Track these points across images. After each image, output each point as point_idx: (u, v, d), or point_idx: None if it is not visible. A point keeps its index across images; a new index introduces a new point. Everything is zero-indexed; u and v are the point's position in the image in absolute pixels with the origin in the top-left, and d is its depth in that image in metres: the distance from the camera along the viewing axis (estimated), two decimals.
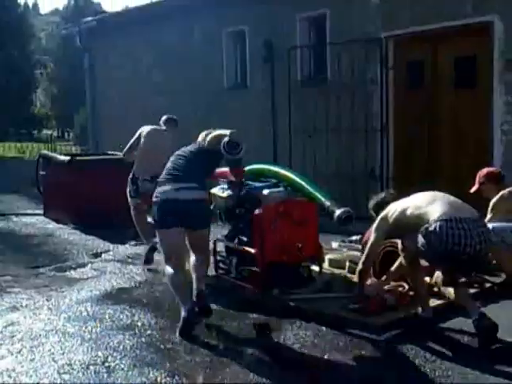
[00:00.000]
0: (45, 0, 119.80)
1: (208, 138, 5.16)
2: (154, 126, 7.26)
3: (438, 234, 4.26)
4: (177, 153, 5.27)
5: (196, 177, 4.95)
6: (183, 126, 11.78)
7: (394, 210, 4.83)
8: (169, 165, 5.13)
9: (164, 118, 7.45)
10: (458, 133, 8.38)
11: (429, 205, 4.55)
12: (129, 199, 6.99)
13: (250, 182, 5.94)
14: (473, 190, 6.09)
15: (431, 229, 4.31)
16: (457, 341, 4.50)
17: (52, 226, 9.56)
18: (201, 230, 5.02)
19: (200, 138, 5.35)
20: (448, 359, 4.16)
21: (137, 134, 7.16)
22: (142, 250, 7.60)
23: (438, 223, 4.30)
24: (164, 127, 7.36)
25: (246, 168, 5.77)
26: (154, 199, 4.98)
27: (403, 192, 8.82)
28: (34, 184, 10.32)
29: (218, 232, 6.25)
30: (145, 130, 7.17)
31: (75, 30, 15.15)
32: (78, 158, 10.34)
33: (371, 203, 5.46)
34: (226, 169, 5.49)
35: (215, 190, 6.09)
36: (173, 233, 4.88)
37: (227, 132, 4.98)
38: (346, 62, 9.22)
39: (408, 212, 4.65)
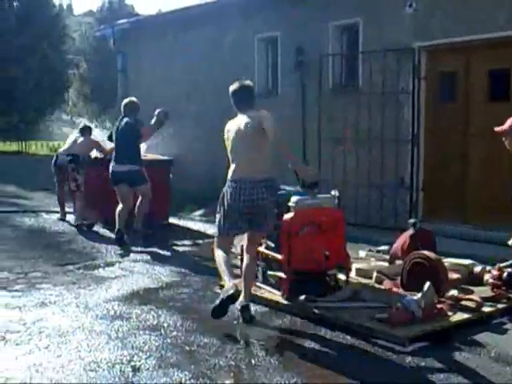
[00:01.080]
0: (79, 1, 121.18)
1: None
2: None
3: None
4: None
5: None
6: (212, 129, 11.90)
7: None
8: None
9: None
10: (490, 146, 8.30)
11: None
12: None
13: (282, 187, 5.95)
14: (497, 129, 6.00)
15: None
16: (483, 355, 4.46)
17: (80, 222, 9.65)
18: (139, 187, 8.12)
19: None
20: (474, 374, 4.13)
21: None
22: (170, 252, 7.70)
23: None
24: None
25: None
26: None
27: (432, 202, 8.88)
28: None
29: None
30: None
31: (109, 31, 15.29)
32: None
33: None
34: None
35: None
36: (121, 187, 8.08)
37: None
38: (377, 72, 9.20)
39: None
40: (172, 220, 9.91)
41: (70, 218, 9.84)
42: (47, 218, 10.16)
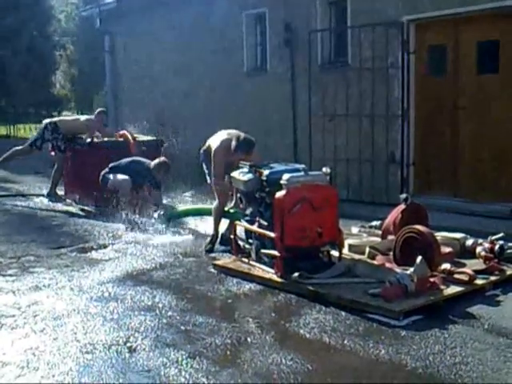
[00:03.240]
0: None
1: None
2: None
3: None
4: None
5: None
6: (202, 107, 11.87)
7: None
8: None
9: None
10: (480, 118, 8.31)
11: None
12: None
13: (271, 165, 5.95)
14: None
15: None
16: (477, 327, 4.50)
17: (73, 207, 9.64)
18: None
19: None
20: (468, 346, 4.17)
21: None
22: (163, 233, 7.70)
23: None
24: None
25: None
26: None
27: (423, 177, 8.90)
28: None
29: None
30: None
31: (95, 11, 15.12)
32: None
33: None
34: None
35: (235, 174, 6.12)
36: None
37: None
38: (366, 46, 9.15)
39: None
40: (164, 201, 9.88)
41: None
42: (38, 202, 10.11)
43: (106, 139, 9.95)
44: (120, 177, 8.30)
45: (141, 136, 10.07)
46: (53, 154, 10.04)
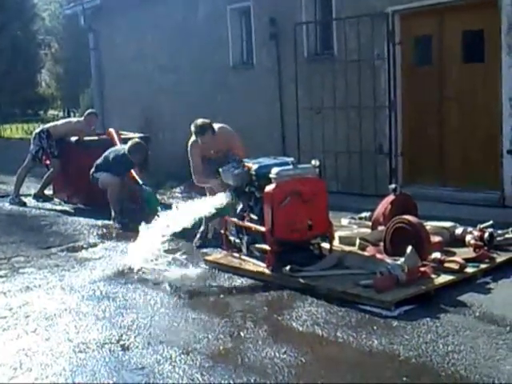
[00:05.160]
0: None
1: None
2: None
3: None
4: None
5: None
6: (189, 103, 11.83)
7: None
8: None
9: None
10: (467, 107, 8.34)
11: None
12: None
13: (260, 160, 5.95)
14: None
15: None
16: (468, 315, 4.53)
17: (62, 206, 9.60)
18: None
19: None
20: (460, 334, 4.19)
21: None
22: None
23: None
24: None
25: None
26: None
27: (411, 167, 8.93)
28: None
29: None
30: None
31: (79, 9, 15.01)
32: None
33: None
34: None
35: (224, 169, 6.11)
36: None
37: None
38: (352, 38, 9.15)
39: None
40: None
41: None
42: (26, 202, 10.04)
43: (91, 138, 9.92)
44: (108, 176, 8.24)
45: (127, 133, 10.02)
46: (48, 162, 9.90)
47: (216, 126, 6.91)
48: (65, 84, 29.97)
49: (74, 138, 9.63)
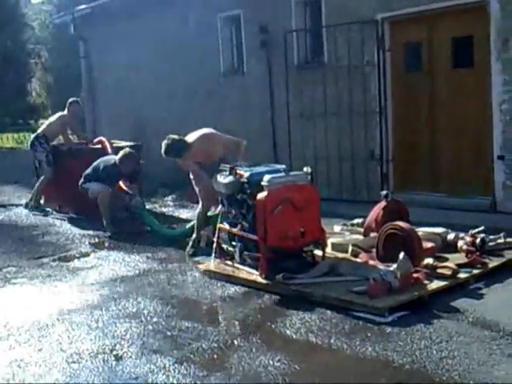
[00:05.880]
0: None
1: None
2: None
3: None
4: None
5: None
6: (180, 111, 11.84)
7: None
8: None
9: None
10: (457, 113, 8.37)
11: None
12: None
13: (252, 168, 5.95)
14: None
15: None
16: (461, 321, 4.53)
17: (53, 215, 9.56)
18: None
19: None
20: (453, 340, 4.20)
21: None
22: (145, 239, 7.65)
23: None
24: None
25: None
26: None
27: (403, 173, 8.95)
28: (34, 174, 10.31)
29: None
30: None
31: (68, 18, 15.00)
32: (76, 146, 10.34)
33: None
34: None
35: (217, 177, 6.10)
36: None
37: None
38: (342, 45, 9.18)
39: None
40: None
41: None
42: (18, 212, 10.00)
43: (83, 146, 9.90)
44: (97, 186, 8.20)
45: (118, 141, 10.00)
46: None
47: (193, 137, 6.85)
48: (55, 93, 29.85)
49: (64, 147, 9.61)
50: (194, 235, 6.88)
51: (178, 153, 6.65)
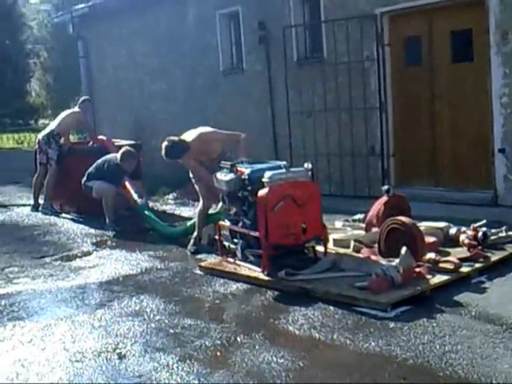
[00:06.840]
0: None
1: None
2: None
3: None
4: None
5: None
6: (180, 108, 11.83)
7: None
8: None
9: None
10: (457, 107, 8.36)
11: None
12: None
13: (253, 165, 5.94)
14: None
15: None
16: (464, 315, 4.53)
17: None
18: None
19: None
20: (457, 334, 4.20)
21: None
22: (147, 237, 7.66)
23: None
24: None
25: None
26: None
27: (404, 168, 8.95)
28: (32, 173, 10.29)
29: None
30: None
31: (67, 17, 14.99)
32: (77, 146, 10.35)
33: None
34: None
35: (218, 174, 6.10)
36: None
37: None
38: (341, 40, 9.17)
39: None
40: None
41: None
42: (19, 212, 10.00)
43: (84, 146, 9.89)
44: (102, 184, 8.19)
45: (118, 140, 10.00)
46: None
47: (190, 137, 6.86)
48: (55, 93, 29.85)
49: (66, 146, 9.60)
50: (196, 233, 6.88)
51: (178, 154, 6.69)
